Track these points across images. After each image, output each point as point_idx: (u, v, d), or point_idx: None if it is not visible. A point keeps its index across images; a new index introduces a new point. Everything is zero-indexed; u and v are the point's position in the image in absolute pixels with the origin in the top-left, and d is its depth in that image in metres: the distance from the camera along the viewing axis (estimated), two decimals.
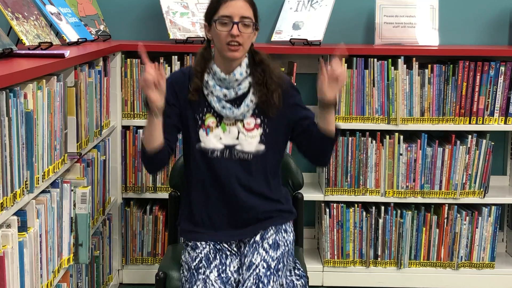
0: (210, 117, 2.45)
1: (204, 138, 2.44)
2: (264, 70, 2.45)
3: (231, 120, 2.44)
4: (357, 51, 3.48)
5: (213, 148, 2.43)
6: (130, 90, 3.47)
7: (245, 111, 2.43)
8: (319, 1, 3.60)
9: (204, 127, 2.44)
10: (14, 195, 1.95)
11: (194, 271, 2.36)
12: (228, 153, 2.44)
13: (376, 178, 3.52)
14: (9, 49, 2.32)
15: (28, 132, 2.04)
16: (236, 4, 2.35)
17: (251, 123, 2.45)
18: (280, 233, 2.46)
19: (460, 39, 3.78)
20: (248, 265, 2.33)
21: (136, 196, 3.55)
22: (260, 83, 2.43)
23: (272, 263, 2.33)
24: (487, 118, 3.49)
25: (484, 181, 3.53)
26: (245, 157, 2.44)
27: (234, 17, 2.34)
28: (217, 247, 2.43)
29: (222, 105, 2.42)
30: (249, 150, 2.44)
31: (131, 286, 3.58)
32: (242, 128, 2.44)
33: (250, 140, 2.44)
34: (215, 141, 2.44)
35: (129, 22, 3.78)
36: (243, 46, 2.36)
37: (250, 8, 2.38)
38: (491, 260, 3.59)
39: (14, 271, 1.90)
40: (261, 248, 2.38)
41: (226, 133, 2.44)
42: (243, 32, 2.35)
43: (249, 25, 2.36)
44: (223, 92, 2.42)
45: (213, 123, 2.44)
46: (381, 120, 3.49)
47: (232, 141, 2.44)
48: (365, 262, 3.58)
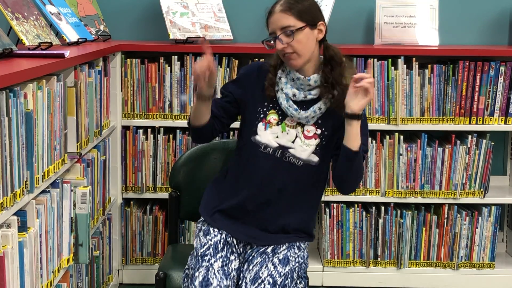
0: (273, 114, 2.43)
1: (261, 131, 2.42)
2: (333, 68, 2.38)
3: (293, 122, 2.41)
4: (357, 51, 3.48)
5: (267, 144, 2.41)
6: (130, 90, 3.47)
7: (311, 116, 2.39)
8: (319, 1, 3.59)
9: (265, 121, 2.42)
10: (14, 195, 1.95)
11: (199, 257, 2.35)
12: (280, 153, 2.41)
13: (376, 178, 3.52)
14: (9, 49, 2.32)
15: (28, 132, 2.04)
16: (274, 18, 2.34)
17: (311, 131, 2.41)
18: (292, 249, 2.42)
19: (460, 39, 3.78)
20: (254, 277, 2.30)
21: (136, 196, 3.56)
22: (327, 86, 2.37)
23: (279, 279, 2.29)
24: (487, 118, 3.49)
25: (484, 181, 3.53)
26: (296, 162, 2.41)
27: (276, 31, 2.33)
28: (228, 240, 2.42)
29: (289, 104, 2.39)
30: (301, 157, 2.41)
31: (131, 286, 3.58)
32: (301, 133, 2.41)
33: (305, 147, 2.40)
34: (270, 138, 2.41)
35: (129, 22, 3.78)
36: (297, 53, 2.33)
37: (289, 15, 2.32)
38: (491, 260, 3.59)
39: (14, 271, 1.90)
40: (270, 262, 2.34)
41: (284, 133, 2.41)
42: (288, 43, 2.32)
43: (291, 33, 2.31)
44: (292, 91, 2.39)
45: (274, 119, 2.42)
46: (381, 120, 3.49)
47: (288, 143, 2.41)
48: (365, 262, 3.58)
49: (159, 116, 3.49)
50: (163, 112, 3.49)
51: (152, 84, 3.48)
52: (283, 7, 2.33)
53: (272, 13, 2.35)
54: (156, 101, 3.48)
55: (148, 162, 3.51)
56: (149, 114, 3.49)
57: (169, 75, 3.47)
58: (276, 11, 2.34)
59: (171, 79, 3.47)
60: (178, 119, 3.48)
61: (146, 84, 3.48)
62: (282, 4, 2.34)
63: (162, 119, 3.49)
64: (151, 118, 3.49)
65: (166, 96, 3.48)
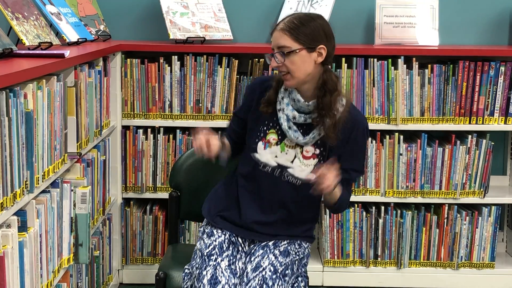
0: (273, 134, 2.44)
1: (261, 150, 2.45)
2: (325, 94, 2.35)
3: (292, 143, 2.43)
4: (357, 51, 3.49)
5: (266, 163, 2.44)
6: (130, 90, 3.47)
7: (310, 141, 2.41)
8: (319, 1, 3.60)
9: (265, 140, 2.45)
10: (14, 195, 1.95)
11: (206, 257, 2.37)
12: (278, 172, 2.44)
13: (376, 178, 3.52)
14: (9, 49, 2.32)
15: (28, 132, 2.04)
16: (275, 35, 2.36)
17: (310, 152, 2.42)
18: (293, 245, 2.45)
19: (460, 39, 3.78)
20: (255, 266, 2.33)
21: (136, 196, 3.56)
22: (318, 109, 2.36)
23: (280, 268, 2.33)
24: (487, 118, 3.49)
25: (484, 181, 3.53)
26: (294, 181, 2.44)
27: (274, 49, 2.35)
28: (232, 239, 2.44)
29: (289, 125, 2.40)
30: (300, 177, 2.43)
31: (131, 286, 3.58)
32: (300, 154, 2.43)
33: (304, 167, 2.42)
34: (269, 157, 2.44)
35: (129, 22, 3.78)
36: (291, 74, 2.32)
37: (287, 36, 2.31)
38: (491, 260, 3.59)
39: (14, 271, 1.90)
40: (271, 253, 2.38)
41: (283, 153, 2.43)
42: (282, 63, 2.32)
43: (286, 53, 2.31)
44: (293, 113, 2.39)
45: (273, 139, 2.44)
46: (381, 120, 3.49)
47: (286, 163, 2.43)
48: (365, 262, 3.58)
49: (159, 116, 3.49)
50: (163, 112, 3.49)
51: (152, 84, 3.48)
52: (284, 26, 2.33)
53: (274, 30, 2.36)
54: (156, 101, 3.48)
55: (148, 162, 3.51)
56: (149, 114, 3.49)
57: (169, 75, 3.47)
58: (277, 29, 2.35)
59: (171, 79, 3.47)
60: (178, 119, 3.48)
61: (146, 84, 3.48)
62: (285, 23, 2.34)
63: (162, 119, 3.49)
64: (151, 118, 3.49)
65: (166, 96, 3.48)
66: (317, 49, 2.32)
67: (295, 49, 2.30)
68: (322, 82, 2.35)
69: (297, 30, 2.31)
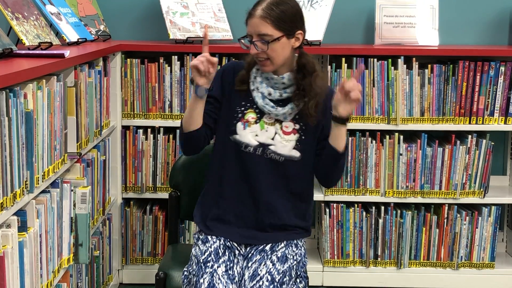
0: (251, 113, 2.44)
1: (240, 131, 2.44)
2: (305, 76, 2.40)
3: (271, 120, 2.43)
4: (357, 51, 3.49)
5: (247, 143, 2.43)
6: (130, 90, 3.47)
7: (288, 113, 2.41)
8: (319, 1, 3.60)
9: (243, 120, 2.44)
10: (14, 195, 1.95)
11: (202, 264, 2.35)
12: (261, 151, 2.43)
13: (376, 178, 3.52)
14: (9, 49, 2.32)
15: (28, 132, 2.04)
16: (252, 22, 2.34)
17: (289, 127, 2.43)
18: (290, 247, 2.44)
19: (460, 39, 3.78)
20: (252, 275, 2.31)
21: (136, 196, 3.56)
22: (298, 93, 2.39)
23: (277, 277, 2.30)
24: (487, 118, 3.49)
25: (484, 181, 3.53)
26: (277, 158, 2.43)
27: (253, 36, 2.34)
28: (227, 244, 2.43)
29: (266, 102, 2.42)
30: (282, 153, 2.43)
31: (131, 286, 3.58)
32: (280, 130, 2.43)
33: (285, 143, 2.43)
34: (250, 137, 2.43)
35: (129, 22, 3.78)
36: (271, 60, 2.35)
37: (267, 23, 2.32)
38: (491, 260, 3.59)
39: (14, 271, 1.90)
40: (269, 260, 2.35)
41: (263, 131, 2.43)
42: (262, 50, 2.33)
43: (267, 41, 2.32)
44: (268, 90, 2.41)
45: (252, 118, 2.44)
46: (381, 120, 3.49)
47: (267, 140, 2.43)
48: (365, 262, 3.58)
49: (159, 116, 3.49)
50: (163, 112, 3.49)
51: (152, 84, 3.48)
52: (263, 13, 2.33)
53: (252, 16, 2.35)
54: (156, 101, 3.48)
55: (148, 162, 3.51)
56: (149, 114, 3.49)
57: (169, 75, 3.47)
58: (256, 15, 2.34)
59: (171, 79, 3.47)
60: (178, 119, 3.48)
61: (146, 84, 3.48)
62: (263, 10, 2.33)
63: (162, 119, 3.49)
64: (151, 118, 3.49)
65: (166, 96, 3.48)
66: (296, 34, 2.37)
67: (277, 37, 2.33)
68: (301, 65, 2.39)
69: (278, 18, 2.34)
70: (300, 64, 2.41)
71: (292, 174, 2.45)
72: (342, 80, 2.29)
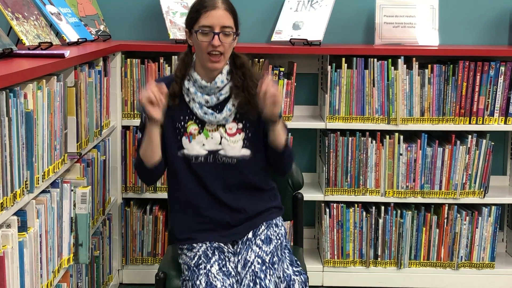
0: (192, 124, 2.45)
1: (187, 145, 2.45)
2: (244, 74, 2.45)
3: (213, 126, 2.45)
4: (357, 51, 3.49)
5: (197, 155, 2.45)
6: (130, 90, 3.47)
7: (228, 115, 2.44)
8: (319, 1, 3.60)
9: (187, 134, 2.45)
10: (14, 195, 1.95)
11: (194, 267, 2.36)
12: (212, 158, 2.45)
13: (376, 178, 3.52)
14: (9, 49, 2.32)
15: (28, 132, 2.04)
16: (217, 13, 2.35)
17: (233, 128, 2.46)
18: (271, 228, 2.48)
19: (460, 39, 3.78)
20: (244, 263, 2.34)
21: (136, 196, 3.55)
22: (239, 86, 2.43)
23: (267, 257, 2.35)
24: (487, 118, 3.49)
25: (484, 181, 3.53)
26: (229, 161, 2.46)
27: (215, 27, 2.35)
28: (214, 245, 2.44)
29: (204, 111, 2.43)
30: (233, 155, 2.45)
31: (131, 286, 3.58)
32: (224, 133, 2.45)
33: (233, 145, 2.45)
34: (198, 148, 2.45)
35: (129, 22, 3.78)
36: (224, 55, 2.38)
37: (230, 17, 2.37)
38: (491, 260, 3.59)
39: (14, 271, 1.90)
40: (254, 245, 2.40)
41: (208, 139, 2.45)
42: (224, 42, 2.36)
43: (229, 34, 2.36)
44: (204, 98, 2.43)
45: (195, 130, 2.45)
46: (381, 120, 3.49)
47: (215, 146, 2.45)
48: (365, 262, 3.58)
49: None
50: None
51: None
52: (227, 6, 2.37)
53: (215, 8, 2.35)
54: None
55: None
56: None
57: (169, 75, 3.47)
58: (219, 7, 2.36)
59: None
60: None
61: (146, 84, 3.48)
62: (224, 3, 2.37)
63: None
64: None
65: None
66: (238, 34, 2.42)
67: (236, 32, 2.39)
68: (239, 64, 2.44)
69: (235, 14, 2.40)
70: (239, 63, 2.45)
71: (247, 172, 2.47)
72: (260, 88, 2.29)
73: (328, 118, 3.48)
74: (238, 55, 2.49)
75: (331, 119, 3.48)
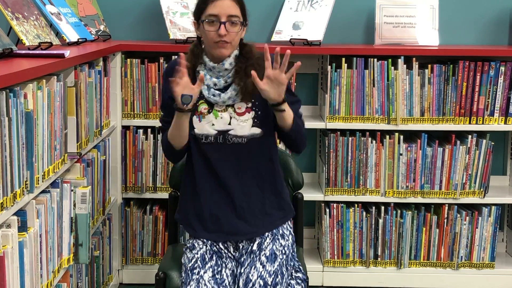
0: (203, 104, 2.45)
1: (197, 124, 2.45)
2: (247, 59, 2.43)
3: (222, 107, 2.44)
4: (357, 51, 3.49)
5: (207, 134, 2.44)
6: (130, 90, 3.47)
7: (233, 95, 2.42)
8: (319, 1, 3.60)
9: (197, 113, 2.45)
10: (14, 195, 1.95)
11: (189, 271, 2.37)
12: (221, 138, 2.44)
13: (376, 178, 3.52)
14: (9, 49, 2.32)
15: (28, 132, 2.04)
16: (223, 3, 2.36)
17: (242, 107, 2.44)
18: (277, 241, 2.43)
19: (460, 39, 3.78)
20: (245, 281, 2.31)
21: (136, 196, 3.56)
22: (239, 71, 2.42)
23: (269, 279, 2.30)
24: (487, 118, 3.49)
25: (484, 181, 3.53)
26: (240, 141, 2.44)
27: (221, 17, 2.35)
28: (214, 249, 2.43)
29: (212, 93, 2.43)
30: (243, 134, 2.43)
31: (131, 286, 3.58)
32: (234, 113, 2.44)
33: (243, 124, 2.43)
34: (208, 127, 2.44)
35: (129, 22, 3.78)
36: (231, 43, 2.38)
37: (237, 6, 2.38)
38: (491, 260, 3.59)
39: (14, 271, 1.90)
40: (258, 261, 2.35)
41: (218, 119, 2.44)
42: (231, 31, 2.36)
43: (236, 23, 2.37)
44: (213, 81, 2.43)
45: (205, 109, 2.45)
46: (381, 120, 3.49)
47: (225, 126, 2.44)
48: (365, 262, 3.58)
49: (159, 116, 3.48)
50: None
51: (152, 84, 3.48)
52: None
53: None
54: (156, 101, 3.48)
55: (148, 162, 3.51)
56: (149, 114, 3.49)
57: None
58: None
59: None
60: None
61: (146, 84, 3.48)
62: None
63: None
64: (151, 118, 3.49)
65: None
66: (246, 24, 2.43)
67: (243, 21, 2.40)
68: (245, 51, 2.45)
69: (242, 4, 2.41)
70: (245, 51, 2.45)
71: (258, 153, 2.45)
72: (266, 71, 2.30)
73: (328, 118, 3.48)
74: (246, 44, 2.48)
75: (331, 119, 3.48)
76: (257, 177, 2.47)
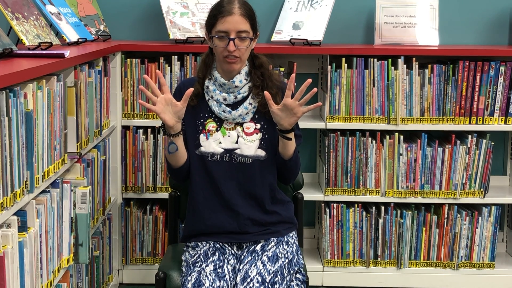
0: (211, 122, 2.48)
1: (204, 142, 2.47)
2: (263, 74, 2.47)
3: (231, 124, 2.47)
4: (357, 51, 3.49)
5: (213, 152, 2.46)
6: (130, 90, 3.47)
7: (244, 113, 2.45)
8: (319, 1, 3.60)
9: (205, 131, 2.47)
10: (14, 195, 1.95)
11: (191, 265, 2.38)
12: (228, 157, 2.46)
13: (376, 178, 3.52)
14: (9, 49, 2.32)
15: (28, 132, 2.04)
16: (232, 19, 2.37)
17: (251, 128, 2.46)
18: (281, 245, 2.45)
19: (460, 39, 3.78)
20: (243, 277, 2.31)
21: (136, 196, 3.56)
22: (258, 86, 2.46)
23: (268, 277, 2.30)
24: (487, 118, 3.49)
25: (484, 181, 3.53)
26: (245, 160, 2.45)
27: (231, 33, 2.37)
28: (217, 246, 2.44)
29: (222, 109, 2.45)
30: (249, 154, 2.45)
31: (131, 286, 3.58)
32: (242, 132, 2.46)
33: (250, 144, 2.45)
34: (214, 145, 2.46)
35: (129, 22, 3.78)
36: (240, 58, 2.40)
37: (246, 21, 2.39)
38: (491, 260, 3.59)
39: (14, 271, 1.90)
40: (259, 261, 2.36)
41: (225, 137, 2.46)
42: (240, 47, 2.38)
43: (245, 39, 2.38)
44: (222, 96, 2.45)
45: (213, 127, 2.47)
46: (381, 120, 3.49)
47: (232, 145, 2.46)
48: (365, 262, 3.58)
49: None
50: None
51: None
52: (242, 11, 2.39)
53: (231, 13, 2.38)
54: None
55: (148, 162, 3.51)
56: (149, 114, 3.49)
57: (169, 75, 3.47)
58: (235, 13, 2.38)
59: (171, 79, 3.47)
60: None
61: (146, 84, 3.47)
62: (241, 8, 2.39)
63: None
64: (151, 118, 3.49)
65: None
66: (257, 35, 2.46)
67: (253, 37, 2.41)
68: (258, 64, 2.47)
69: (252, 17, 2.42)
70: (257, 63, 2.48)
71: (262, 174, 2.47)
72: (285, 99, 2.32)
73: (328, 118, 3.48)
74: (258, 55, 2.51)
75: (331, 119, 3.48)
76: (259, 195, 2.48)
